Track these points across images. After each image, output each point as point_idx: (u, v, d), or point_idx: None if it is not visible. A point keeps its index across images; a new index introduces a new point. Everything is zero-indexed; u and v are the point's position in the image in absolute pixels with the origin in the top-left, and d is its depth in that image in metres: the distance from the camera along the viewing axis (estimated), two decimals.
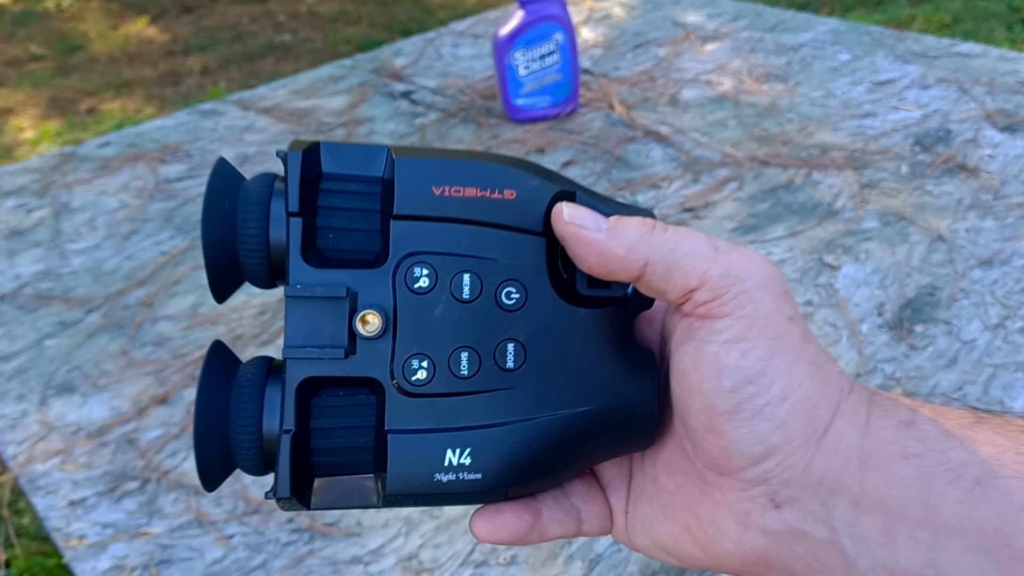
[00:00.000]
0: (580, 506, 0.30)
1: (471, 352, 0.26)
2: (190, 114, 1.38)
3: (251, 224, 0.26)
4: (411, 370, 0.26)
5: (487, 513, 0.28)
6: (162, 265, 1.01)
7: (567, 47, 1.20)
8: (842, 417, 0.25)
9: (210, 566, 0.65)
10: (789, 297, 0.26)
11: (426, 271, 0.26)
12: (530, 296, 0.27)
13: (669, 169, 1.11)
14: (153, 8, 3.82)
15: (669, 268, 0.25)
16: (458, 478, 0.26)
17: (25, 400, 0.82)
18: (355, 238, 0.27)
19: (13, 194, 1.19)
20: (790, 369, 0.25)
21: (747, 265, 0.25)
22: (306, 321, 0.26)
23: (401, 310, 0.26)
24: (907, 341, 0.81)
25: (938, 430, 0.24)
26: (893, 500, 0.24)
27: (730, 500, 0.26)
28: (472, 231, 0.27)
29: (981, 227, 0.95)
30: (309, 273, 0.26)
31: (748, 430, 0.25)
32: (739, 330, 0.25)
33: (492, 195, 0.27)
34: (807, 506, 0.25)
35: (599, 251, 0.26)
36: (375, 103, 1.35)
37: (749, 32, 1.49)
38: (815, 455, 0.25)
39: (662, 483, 0.29)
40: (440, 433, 0.26)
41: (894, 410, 0.25)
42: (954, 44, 1.38)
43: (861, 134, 1.15)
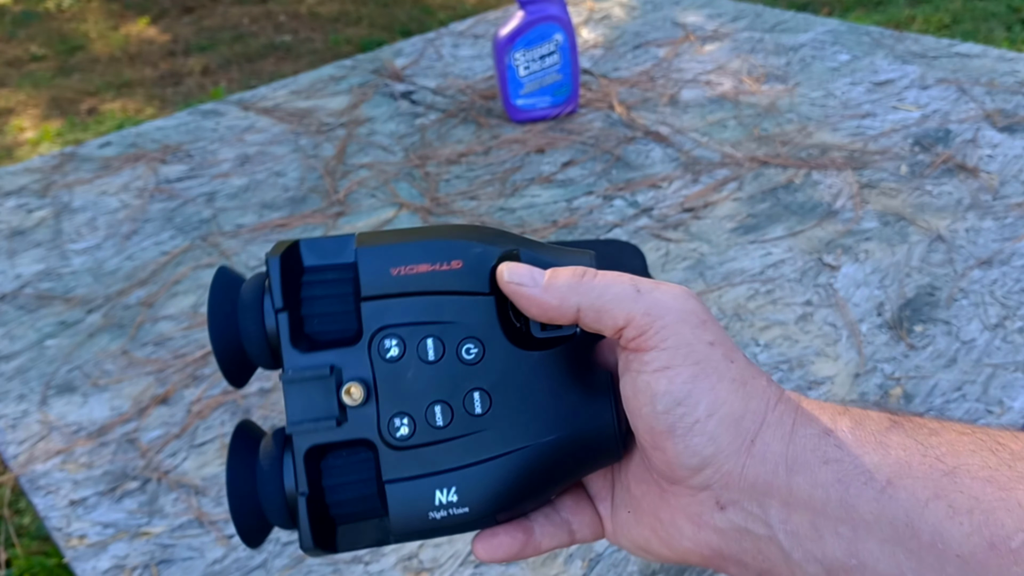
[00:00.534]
0: (570, 518, 0.33)
1: (444, 405, 0.31)
2: (191, 114, 1.38)
3: (250, 323, 0.31)
4: (395, 428, 0.30)
5: (484, 537, 0.32)
6: (163, 265, 1.01)
7: (567, 47, 1.20)
8: (768, 427, 0.28)
9: (210, 566, 0.65)
10: (710, 325, 0.29)
11: (395, 341, 0.31)
12: (487, 349, 0.31)
13: (669, 169, 1.11)
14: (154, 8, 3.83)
15: (599, 312, 0.29)
16: (449, 514, 0.30)
17: (26, 400, 0.83)
18: (334, 321, 0.31)
19: (14, 194, 1.19)
20: (713, 388, 0.28)
21: (666, 302, 0.29)
22: (302, 400, 0.30)
23: (379, 378, 0.31)
24: (906, 341, 0.81)
25: (855, 437, 0.27)
26: (817, 500, 0.27)
27: (684, 504, 0.30)
28: (429, 301, 0.31)
29: (980, 227, 0.95)
30: (299, 358, 0.30)
31: (684, 445, 0.28)
32: (664, 360, 0.28)
33: (441, 267, 0.31)
34: (746, 507, 0.28)
35: (537, 303, 0.30)
36: (375, 103, 1.36)
37: (749, 32, 1.49)
38: (747, 462, 0.28)
39: (633, 492, 0.33)
40: (428, 477, 0.30)
41: (816, 420, 0.28)
42: (953, 44, 1.38)
43: (861, 134, 1.15)
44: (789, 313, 0.85)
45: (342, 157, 1.21)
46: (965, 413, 0.73)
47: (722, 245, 0.96)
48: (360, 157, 1.21)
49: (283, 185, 1.16)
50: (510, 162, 1.16)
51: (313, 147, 1.24)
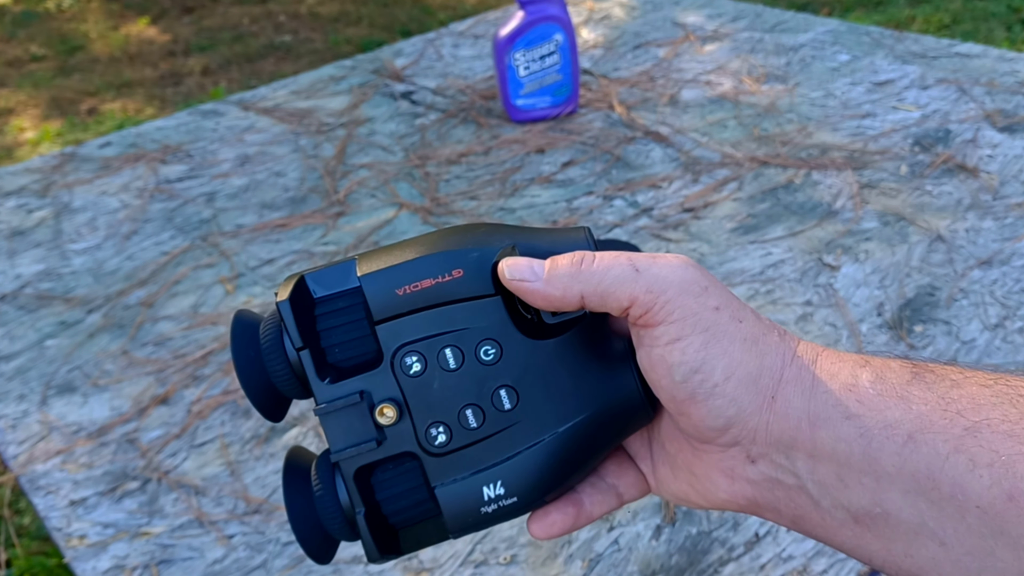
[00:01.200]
0: (616, 483, 0.35)
1: (474, 407, 0.32)
2: (191, 114, 1.38)
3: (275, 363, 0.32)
4: (432, 437, 0.32)
5: (537, 517, 0.33)
6: (163, 265, 1.01)
7: (567, 48, 1.20)
8: (787, 383, 0.29)
9: (211, 566, 0.65)
10: (711, 291, 0.30)
11: (415, 357, 0.32)
12: (504, 347, 0.32)
13: (669, 169, 1.11)
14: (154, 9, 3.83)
15: (602, 296, 0.30)
16: (500, 506, 0.32)
17: (26, 400, 0.83)
18: (355, 347, 0.33)
19: (14, 194, 1.19)
20: (726, 352, 0.29)
21: (665, 276, 0.30)
22: (340, 428, 0.32)
23: (408, 394, 0.32)
24: (906, 341, 0.81)
25: (876, 391, 0.28)
26: (840, 453, 0.28)
27: (716, 460, 0.31)
28: (439, 313, 0.32)
29: (980, 227, 0.95)
30: (328, 390, 0.32)
31: (707, 409, 0.29)
32: (674, 332, 0.29)
33: (444, 279, 0.32)
34: (775, 459, 0.30)
35: (542, 296, 0.31)
36: (375, 103, 1.36)
37: (749, 33, 1.49)
38: (770, 419, 0.29)
39: (668, 449, 0.34)
40: (473, 476, 0.32)
41: (837, 375, 0.29)
42: (953, 44, 1.38)
43: (860, 134, 1.15)
44: (789, 313, 0.85)
45: (342, 157, 1.21)
46: None
47: (722, 245, 0.96)
48: (360, 157, 1.21)
49: (283, 185, 1.16)
50: (510, 162, 1.16)
51: (313, 147, 1.24)
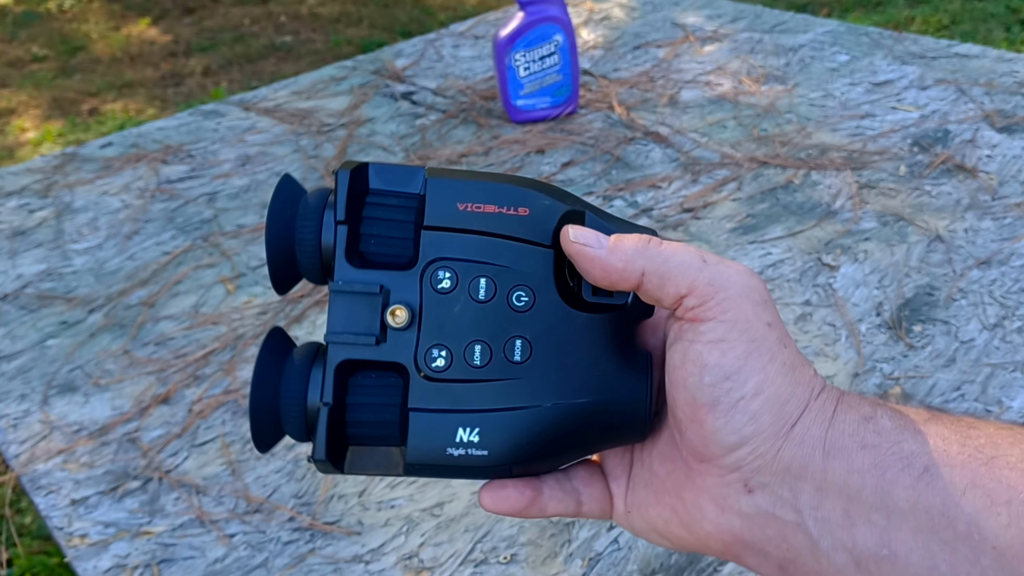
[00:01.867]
0: (581, 488, 0.33)
1: (484, 345, 0.30)
2: (192, 115, 1.38)
3: (307, 230, 0.31)
4: (431, 358, 0.30)
5: (493, 486, 0.32)
6: (164, 265, 1.01)
7: (567, 48, 1.21)
8: (810, 413, 0.28)
9: (211, 565, 0.66)
10: (769, 306, 0.29)
11: (448, 274, 0.31)
12: (538, 300, 0.31)
13: (668, 170, 1.12)
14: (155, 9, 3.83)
15: (663, 277, 0.29)
16: (467, 453, 0.30)
17: (27, 400, 0.83)
18: (392, 244, 0.31)
19: (15, 194, 1.19)
20: (764, 369, 0.28)
21: (731, 276, 0.29)
22: (346, 312, 0.31)
23: (426, 307, 0.31)
24: (905, 341, 0.81)
25: (894, 424, 0.27)
26: (852, 486, 0.26)
27: (710, 485, 0.29)
28: (490, 242, 0.31)
29: (979, 227, 0.95)
30: (351, 272, 0.31)
31: (725, 421, 0.28)
32: (721, 332, 0.28)
33: (508, 211, 0.31)
34: (776, 491, 0.28)
35: (601, 265, 0.29)
36: (376, 104, 1.36)
37: (748, 33, 1.50)
38: (784, 445, 0.28)
39: (655, 470, 0.32)
40: (454, 413, 0.30)
41: (857, 407, 0.28)
42: (952, 45, 1.39)
43: (860, 135, 1.16)
44: (788, 313, 0.85)
45: (343, 157, 1.21)
46: (964, 413, 0.73)
47: (721, 245, 0.96)
48: (361, 157, 1.21)
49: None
50: (510, 162, 1.17)
51: (314, 147, 1.25)
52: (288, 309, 0.92)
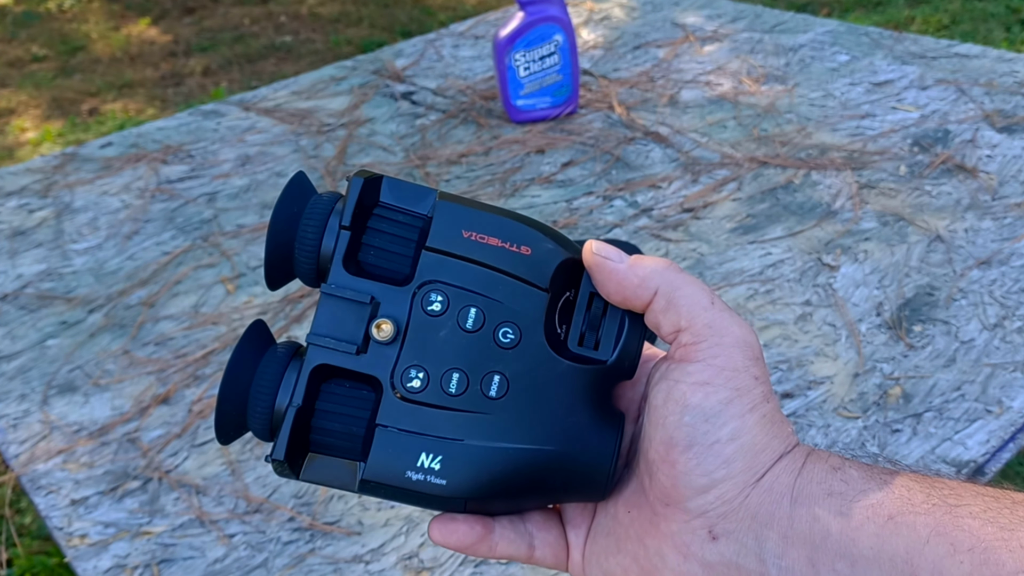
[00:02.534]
0: (535, 532, 0.32)
1: (462, 374, 0.30)
2: (192, 115, 1.38)
3: (310, 230, 0.31)
4: (408, 377, 0.30)
5: (443, 519, 0.31)
6: (164, 265, 1.01)
7: (567, 48, 1.21)
8: (781, 463, 0.28)
9: (211, 565, 0.66)
10: (761, 363, 0.29)
11: (440, 298, 0.31)
12: (523, 339, 0.31)
13: (668, 170, 1.12)
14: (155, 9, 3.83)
15: (669, 302, 0.29)
16: (425, 479, 0.30)
17: (27, 400, 0.83)
18: (390, 259, 0.31)
19: (15, 194, 1.19)
20: (743, 416, 0.28)
21: (730, 326, 0.29)
22: (333, 316, 0.31)
23: (412, 326, 0.31)
24: (905, 341, 0.81)
25: (861, 474, 0.27)
26: (817, 533, 0.26)
27: (674, 531, 0.29)
28: (487, 274, 0.31)
29: (979, 227, 0.95)
30: (345, 278, 0.31)
31: (697, 462, 0.28)
32: (708, 375, 0.28)
33: (511, 247, 0.31)
34: (741, 539, 0.28)
35: (618, 279, 0.30)
36: (376, 104, 1.36)
37: (748, 33, 1.50)
38: (751, 492, 0.28)
39: (620, 518, 0.32)
40: (420, 436, 0.30)
41: (827, 459, 0.28)
42: (952, 45, 1.39)
43: (860, 135, 1.16)
44: (788, 313, 0.85)
45: (343, 157, 1.21)
46: (964, 413, 0.73)
47: (721, 245, 0.96)
48: (361, 157, 1.21)
49: (284, 185, 1.16)
50: (510, 162, 1.17)
51: (314, 147, 1.25)
52: (288, 309, 0.92)
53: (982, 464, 0.69)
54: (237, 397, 0.30)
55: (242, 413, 0.31)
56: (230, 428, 0.31)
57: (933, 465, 0.69)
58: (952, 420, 0.73)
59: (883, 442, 0.71)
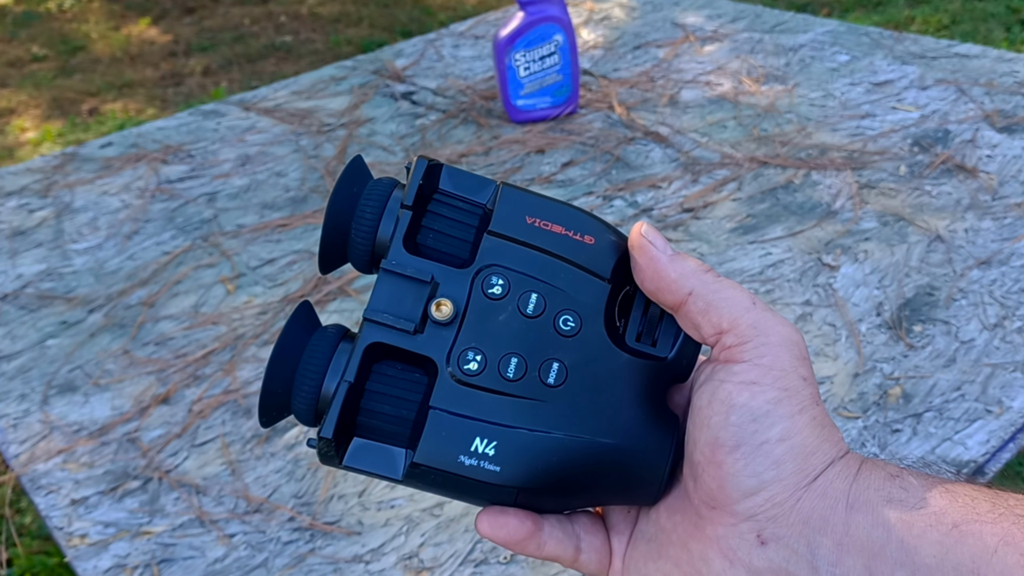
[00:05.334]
0: (582, 535, 0.32)
1: (520, 359, 0.30)
2: (192, 115, 1.38)
3: (369, 210, 0.30)
4: (465, 360, 0.30)
5: (493, 511, 0.30)
6: (164, 265, 1.01)
7: (567, 48, 1.20)
8: (834, 468, 0.27)
9: (211, 565, 0.66)
10: (807, 363, 0.28)
11: (501, 282, 0.30)
12: (584, 328, 0.30)
13: (668, 170, 1.12)
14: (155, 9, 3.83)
15: (709, 305, 0.29)
16: (479, 465, 0.29)
17: (27, 400, 0.83)
18: (450, 243, 0.31)
19: (15, 194, 1.19)
20: (793, 417, 0.27)
21: (775, 325, 0.28)
22: (391, 293, 0.30)
23: (471, 308, 0.30)
24: (905, 341, 0.81)
25: (921, 482, 0.26)
26: (875, 541, 0.25)
27: (720, 535, 0.28)
28: (550, 261, 0.31)
29: (979, 227, 0.95)
30: (405, 256, 0.30)
31: (745, 463, 0.27)
32: (754, 375, 0.27)
33: (574, 236, 0.31)
34: (792, 545, 0.26)
35: (656, 268, 0.29)
36: (376, 104, 1.36)
37: (748, 33, 1.49)
38: (804, 496, 0.26)
39: (662, 524, 0.31)
40: (475, 421, 0.29)
41: (883, 467, 0.27)
42: (952, 45, 1.39)
43: (860, 135, 1.16)
44: (788, 313, 0.85)
45: (343, 157, 1.21)
46: (964, 413, 0.73)
47: (721, 245, 0.96)
48: (362, 157, 1.21)
49: (284, 185, 1.16)
50: (510, 162, 1.17)
51: (314, 147, 1.25)
52: (288, 309, 0.92)
53: (982, 464, 0.69)
54: (284, 377, 0.30)
55: (287, 393, 0.30)
56: (273, 409, 0.30)
57: (933, 466, 0.69)
58: (952, 420, 0.73)
59: (883, 442, 0.71)
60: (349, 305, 0.92)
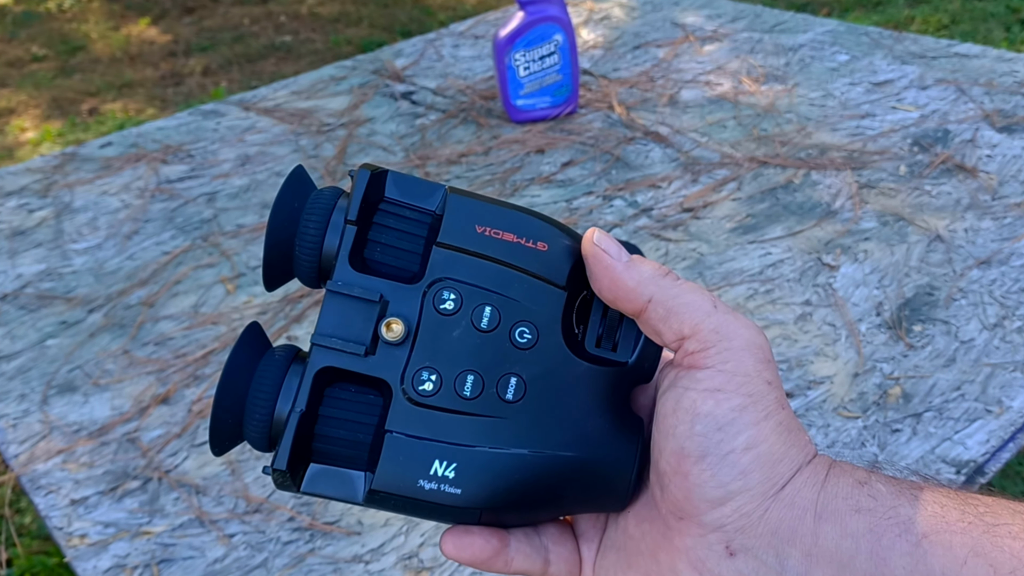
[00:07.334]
0: (549, 546, 0.31)
1: (476, 376, 0.29)
2: (191, 115, 1.38)
3: (312, 225, 0.29)
4: (420, 380, 0.29)
5: (457, 532, 0.30)
6: (163, 265, 1.01)
7: (567, 48, 1.20)
8: (801, 475, 0.27)
9: (211, 565, 0.66)
10: (772, 365, 0.28)
11: (453, 296, 0.29)
12: (541, 339, 0.29)
13: (668, 170, 1.12)
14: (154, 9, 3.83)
15: (669, 311, 0.28)
16: (439, 488, 0.28)
17: (27, 400, 0.83)
18: (398, 256, 0.30)
19: (15, 194, 1.19)
20: (758, 424, 0.26)
21: (738, 328, 0.28)
22: (339, 315, 0.29)
23: (424, 325, 0.29)
24: (905, 341, 0.81)
25: (890, 489, 0.26)
26: (844, 552, 0.25)
27: (688, 546, 0.27)
28: (502, 271, 0.29)
29: (979, 227, 0.95)
30: (352, 275, 0.29)
31: (711, 474, 0.26)
32: (718, 382, 0.27)
33: (526, 243, 0.30)
34: (760, 556, 0.26)
35: (612, 276, 0.29)
36: (376, 104, 1.36)
37: (748, 33, 1.49)
38: (771, 506, 0.26)
39: (631, 532, 0.30)
40: (433, 443, 0.28)
41: (851, 472, 0.27)
42: (952, 45, 1.39)
43: (859, 135, 1.16)
44: (788, 313, 0.85)
45: (342, 157, 1.21)
46: (964, 413, 0.73)
47: (721, 245, 0.96)
48: (361, 157, 1.21)
49: None
50: (510, 162, 1.17)
51: (314, 147, 1.25)
52: (288, 309, 0.92)
53: (982, 464, 0.69)
54: (234, 404, 0.29)
55: (239, 422, 0.29)
56: (225, 437, 0.29)
57: (933, 465, 0.69)
58: (952, 420, 0.73)
59: (883, 442, 0.71)
60: None
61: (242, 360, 0.29)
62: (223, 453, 0.29)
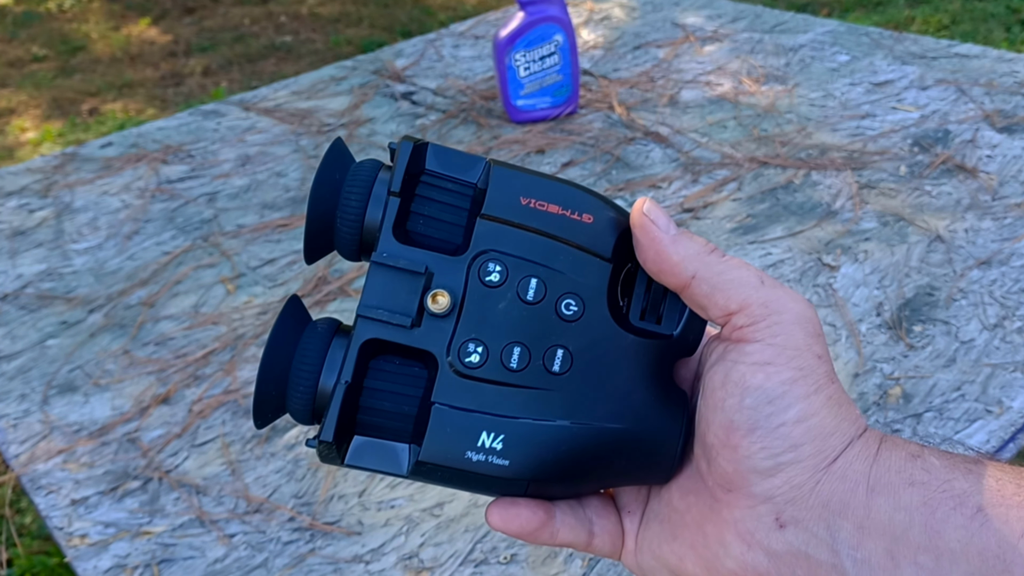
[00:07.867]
0: (594, 519, 0.31)
1: (523, 348, 0.29)
2: (192, 115, 1.38)
3: (354, 197, 0.29)
4: (466, 352, 0.29)
5: (503, 503, 0.29)
6: (164, 265, 1.01)
7: (567, 48, 1.20)
8: (853, 448, 0.26)
9: (211, 565, 0.66)
10: (822, 339, 0.27)
11: (499, 268, 0.29)
12: (587, 312, 0.29)
13: (668, 170, 1.12)
14: (155, 9, 3.83)
15: (714, 288, 0.28)
16: (487, 460, 0.28)
17: (27, 400, 0.83)
18: (442, 228, 0.30)
19: (15, 194, 1.19)
20: (809, 397, 0.26)
21: (787, 302, 0.27)
22: (384, 287, 0.29)
23: (469, 297, 0.29)
24: (906, 341, 0.81)
25: (943, 463, 0.25)
26: (897, 524, 0.24)
27: (737, 517, 0.27)
28: (547, 243, 0.29)
29: (979, 227, 0.95)
30: (396, 247, 0.29)
31: (761, 445, 0.26)
32: (768, 355, 0.27)
33: (572, 215, 0.29)
34: (811, 528, 0.26)
35: (658, 249, 0.28)
36: (376, 104, 1.36)
37: (748, 33, 1.50)
38: (823, 478, 0.26)
39: (675, 504, 0.30)
40: (480, 415, 0.28)
41: (903, 446, 0.27)
42: (952, 45, 1.39)
43: (860, 135, 1.16)
44: None
45: None
46: (964, 413, 0.73)
47: (722, 245, 0.96)
48: (361, 157, 1.21)
49: (284, 185, 1.16)
50: (510, 162, 1.17)
51: (314, 147, 1.25)
52: None
53: None
54: (278, 376, 0.28)
55: (282, 393, 0.29)
56: (268, 410, 0.29)
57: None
58: (952, 420, 0.73)
59: None
60: (349, 305, 0.92)
61: (285, 332, 0.29)
62: (265, 426, 0.29)
